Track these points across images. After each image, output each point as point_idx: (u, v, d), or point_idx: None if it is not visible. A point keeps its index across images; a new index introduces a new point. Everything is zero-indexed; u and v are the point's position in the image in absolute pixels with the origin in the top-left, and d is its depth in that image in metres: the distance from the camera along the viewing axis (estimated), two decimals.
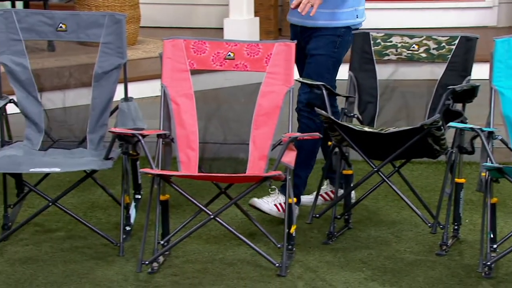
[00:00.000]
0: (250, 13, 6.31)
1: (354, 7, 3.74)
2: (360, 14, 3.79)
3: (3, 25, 3.66)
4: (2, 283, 3.27)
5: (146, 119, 3.65)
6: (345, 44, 3.75)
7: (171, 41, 3.64)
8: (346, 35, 3.74)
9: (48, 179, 3.89)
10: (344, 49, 3.78)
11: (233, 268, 3.46)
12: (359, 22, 3.81)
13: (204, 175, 3.58)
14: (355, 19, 3.76)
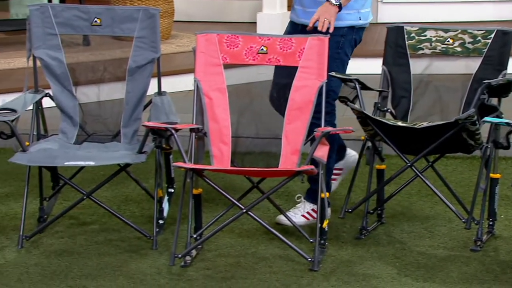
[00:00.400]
0: (283, 7, 6.30)
1: (357, 9, 3.71)
2: (363, 17, 3.73)
3: (39, 19, 3.70)
4: (38, 275, 3.32)
5: (179, 113, 3.66)
6: (348, 43, 3.71)
7: (205, 35, 3.65)
8: (349, 35, 3.69)
9: (83, 172, 3.93)
10: (349, 48, 3.73)
11: (265, 262, 3.46)
12: (362, 24, 3.76)
13: (237, 169, 3.59)
14: (357, 21, 3.72)
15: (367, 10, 3.76)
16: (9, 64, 5.42)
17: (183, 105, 4.10)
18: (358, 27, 3.73)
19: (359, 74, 3.98)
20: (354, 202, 3.85)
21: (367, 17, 3.77)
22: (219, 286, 3.27)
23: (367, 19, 3.77)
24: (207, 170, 3.47)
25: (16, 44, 5.76)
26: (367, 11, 3.76)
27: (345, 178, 3.94)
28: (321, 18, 3.55)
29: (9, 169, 4.28)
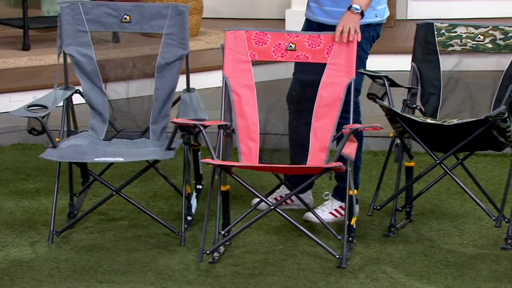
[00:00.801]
0: None
1: (372, 7, 3.68)
2: (380, 14, 3.71)
3: (69, 16, 3.72)
4: (68, 270, 3.34)
5: (207, 110, 3.67)
6: (366, 40, 3.68)
7: (233, 32, 3.65)
8: (366, 32, 3.67)
9: (112, 168, 3.95)
10: (367, 45, 3.72)
11: (293, 259, 3.46)
12: (378, 20, 3.74)
13: (265, 166, 3.59)
14: (374, 18, 3.70)
15: (383, 7, 3.75)
16: (40, 61, 5.47)
17: (211, 102, 4.11)
18: (375, 23, 3.72)
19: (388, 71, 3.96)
20: (382, 199, 3.83)
21: (383, 14, 3.76)
22: (247, 282, 3.28)
23: (383, 16, 3.76)
24: (235, 166, 3.48)
25: (47, 41, 5.81)
26: (383, 8, 3.74)
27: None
28: (345, 28, 3.54)
29: (40, 165, 4.33)
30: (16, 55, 5.58)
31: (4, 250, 3.49)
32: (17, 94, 4.95)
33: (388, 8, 3.81)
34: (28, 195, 4.04)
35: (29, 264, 3.38)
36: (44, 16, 6.28)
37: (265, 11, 6.91)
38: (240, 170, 3.67)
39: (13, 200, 3.99)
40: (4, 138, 4.68)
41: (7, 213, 3.85)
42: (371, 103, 3.76)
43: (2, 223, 3.74)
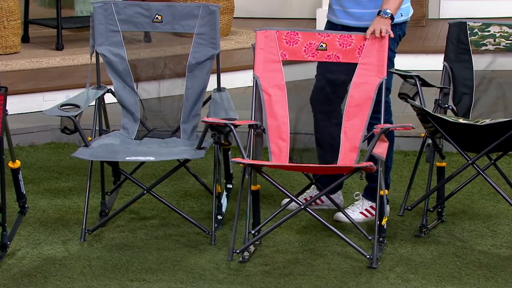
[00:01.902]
0: None
1: None
2: (405, 13, 3.70)
3: (102, 16, 3.75)
4: (100, 268, 3.37)
5: (238, 109, 3.68)
6: (393, 40, 3.65)
7: (264, 32, 3.65)
8: (393, 31, 3.63)
9: (143, 167, 3.98)
10: (394, 44, 3.70)
11: (323, 259, 3.45)
12: (404, 19, 3.72)
13: (295, 165, 3.59)
14: (399, 18, 3.68)
15: (407, 5, 3.73)
16: (73, 60, 5.52)
17: (242, 101, 4.12)
18: (401, 22, 3.71)
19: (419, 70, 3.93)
20: (413, 199, 3.81)
21: (408, 12, 3.74)
22: (277, 282, 3.28)
23: (408, 14, 3.74)
24: (265, 166, 3.48)
25: (80, 41, 5.86)
26: (407, 6, 3.73)
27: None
28: (377, 29, 3.54)
29: (73, 163, 4.37)
30: (50, 55, 5.63)
31: (37, 247, 3.53)
32: (50, 94, 5.00)
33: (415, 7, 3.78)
34: (61, 194, 4.08)
35: (62, 262, 3.41)
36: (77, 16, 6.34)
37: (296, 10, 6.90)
38: (270, 169, 3.68)
39: (47, 199, 4.03)
40: (38, 137, 4.72)
41: (40, 211, 3.90)
42: (402, 103, 3.74)
43: (35, 221, 3.78)
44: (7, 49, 5.57)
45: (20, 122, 4.71)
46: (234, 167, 3.94)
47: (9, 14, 5.55)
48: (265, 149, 3.63)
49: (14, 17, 5.59)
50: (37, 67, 5.41)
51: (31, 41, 5.97)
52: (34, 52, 5.71)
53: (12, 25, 5.57)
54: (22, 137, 4.64)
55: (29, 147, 4.65)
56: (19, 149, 4.54)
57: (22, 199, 3.61)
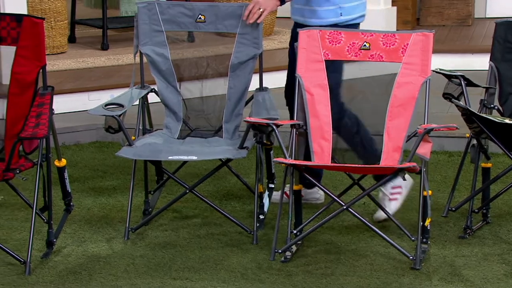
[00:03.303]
0: (387, 2, 6.21)
1: (337, 4, 3.64)
2: (345, 12, 3.63)
3: (146, 16, 3.78)
4: (143, 266, 3.40)
5: (280, 109, 3.68)
6: None
7: (307, 31, 3.65)
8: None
9: (186, 166, 4.01)
10: None
11: (366, 259, 3.44)
12: (344, 20, 3.66)
13: (337, 165, 3.58)
14: (338, 17, 3.64)
15: (352, 5, 3.65)
16: (118, 60, 5.58)
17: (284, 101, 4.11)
18: (343, 24, 3.64)
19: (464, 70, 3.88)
20: (457, 200, 3.76)
21: (351, 12, 3.65)
22: (319, 282, 3.27)
23: (350, 14, 3.65)
24: (307, 166, 3.47)
25: (125, 41, 5.92)
26: (351, 6, 3.65)
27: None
28: (254, 8, 3.56)
29: (117, 162, 4.42)
30: (95, 55, 5.70)
31: (82, 245, 3.58)
32: (95, 93, 5.06)
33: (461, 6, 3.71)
34: (105, 192, 4.13)
35: (106, 260, 3.45)
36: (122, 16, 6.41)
37: None
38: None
39: (91, 197, 4.08)
40: (83, 136, 4.78)
41: (85, 209, 3.95)
42: (447, 103, 3.70)
43: (80, 219, 3.83)
44: (54, 49, 5.66)
45: (66, 121, 4.77)
46: (276, 166, 3.94)
47: (56, 15, 5.63)
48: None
49: (61, 18, 5.67)
50: (82, 67, 5.48)
51: (77, 41, 6.05)
52: (80, 52, 5.79)
53: (59, 25, 5.66)
54: (67, 136, 4.71)
55: (74, 146, 4.71)
56: (65, 148, 4.61)
57: (68, 197, 3.66)
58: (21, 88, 3.45)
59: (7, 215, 3.84)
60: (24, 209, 3.83)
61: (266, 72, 3.91)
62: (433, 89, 3.54)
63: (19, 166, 3.32)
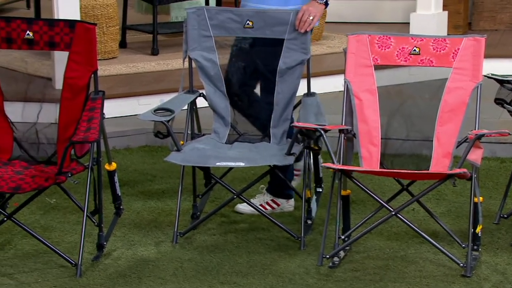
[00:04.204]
0: (438, 7, 6.15)
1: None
2: None
3: (195, 22, 3.81)
4: (191, 270, 3.42)
5: (328, 114, 3.67)
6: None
7: (356, 36, 3.63)
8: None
9: (234, 171, 4.02)
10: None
11: (415, 266, 3.40)
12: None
13: (386, 171, 3.55)
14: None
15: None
16: (168, 65, 5.62)
17: (332, 106, 4.10)
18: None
19: None
20: (510, 207, 3.70)
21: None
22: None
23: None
24: (356, 171, 3.46)
25: (174, 46, 5.97)
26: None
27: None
28: (304, 16, 3.60)
29: (166, 166, 4.45)
30: (145, 60, 5.76)
31: (132, 248, 3.61)
32: (145, 98, 5.11)
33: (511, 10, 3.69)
34: (154, 196, 4.17)
35: (155, 263, 3.48)
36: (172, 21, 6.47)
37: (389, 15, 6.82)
38: (360, 174, 3.64)
39: (141, 201, 4.12)
40: (132, 140, 4.83)
41: (135, 213, 3.99)
42: (499, 109, 3.64)
43: (130, 222, 3.87)
44: (106, 54, 5.73)
45: (116, 126, 4.83)
46: (324, 171, 3.93)
47: (108, 21, 5.70)
48: (356, 154, 3.61)
49: (113, 23, 5.75)
50: (133, 71, 5.54)
51: (128, 47, 6.12)
52: (131, 57, 5.85)
53: (111, 31, 5.73)
54: (118, 140, 4.76)
55: (124, 150, 4.76)
56: (115, 152, 4.66)
57: (118, 201, 3.70)
58: (73, 93, 3.50)
59: (59, 218, 3.90)
60: (75, 212, 3.88)
61: (314, 77, 3.90)
62: (485, 95, 3.49)
63: (70, 169, 3.38)
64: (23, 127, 3.71)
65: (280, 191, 3.89)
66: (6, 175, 3.37)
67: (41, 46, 3.52)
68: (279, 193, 3.90)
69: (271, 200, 3.91)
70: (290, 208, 3.93)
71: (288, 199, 3.92)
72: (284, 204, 3.92)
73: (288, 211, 3.92)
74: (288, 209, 3.93)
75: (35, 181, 3.32)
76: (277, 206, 3.91)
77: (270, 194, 3.91)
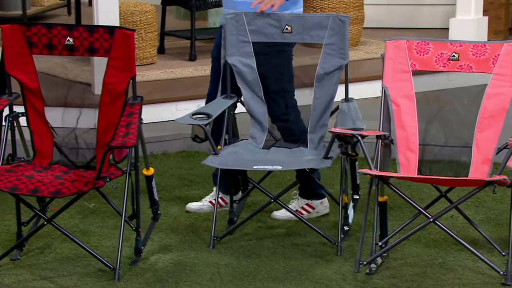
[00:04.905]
0: (478, 12, 6.09)
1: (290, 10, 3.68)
2: None
3: (234, 27, 3.82)
4: (228, 275, 3.42)
5: (365, 119, 3.65)
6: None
7: (394, 42, 3.61)
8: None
9: (271, 176, 4.02)
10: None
11: (453, 273, 3.37)
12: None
13: (424, 177, 3.52)
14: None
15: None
16: (205, 71, 5.65)
17: (370, 112, 4.08)
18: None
19: None
20: None
21: None
22: None
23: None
24: (393, 177, 3.43)
25: None
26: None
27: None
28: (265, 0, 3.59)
29: (203, 171, 4.47)
30: (183, 65, 5.80)
31: (169, 253, 3.63)
32: (183, 103, 5.13)
33: None
34: (191, 201, 4.18)
35: (192, 268, 3.49)
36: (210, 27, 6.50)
37: (428, 20, 6.78)
38: (398, 181, 3.62)
39: (178, 206, 4.14)
40: (170, 146, 4.86)
41: (172, 217, 4.01)
42: None
43: (167, 227, 3.89)
44: (144, 60, 5.78)
45: (154, 131, 4.86)
46: (361, 177, 3.91)
47: (146, 27, 5.75)
48: (393, 160, 3.59)
49: (151, 29, 5.80)
50: (171, 77, 5.58)
51: (166, 52, 6.17)
52: (169, 62, 5.89)
53: (150, 37, 5.78)
54: (155, 145, 4.79)
55: (162, 155, 4.79)
56: (152, 157, 4.69)
57: (155, 206, 3.73)
58: (112, 98, 3.54)
59: (97, 223, 3.94)
60: (113, 217, 3.92)
61: (352, 82, 3.89)
62: None
63: (109, 174, 3.40)
64: (63, 132, 3.75)
65: (313, 192, 3.88)
66: (46, 179, 3.42)
67: (81, 52, 3.56)
68: (312, 195, 3.89)
69: (305, 204, 3.90)
70: (325, 210, 3.92)
71: (321, 198, 3.91)
72: (319, 206, 3.91)
73: (324, 213, 3.91)
74: (324, 212, 3.92)
75: (74, 186, 3.36)
76: (313, 209, 3.91)
77: (303, 198, 3.91)
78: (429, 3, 6.81)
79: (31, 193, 3.34)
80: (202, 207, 3.99)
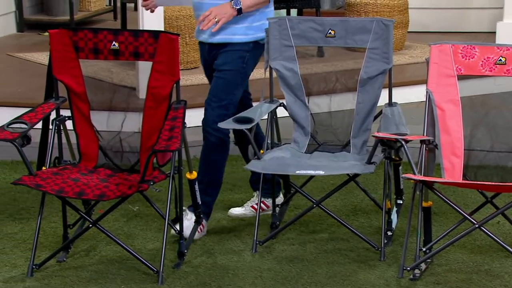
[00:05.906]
0: None
1: (261, 21, 3.65)
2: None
3: (277, 32, 3.83)
4: (270, 280, 3.42)
5: (409, 124, 3.62)
6: (253, 59, 3.68)
7: (438, 46, 3.58)
8: (255, 49, 3.67)
9: (313, 181, 4.01)
10: (253, 64, 3.72)
11: (500, 280, 3.32)
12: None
13: (469, 182, 3.48)
14: (264, 33, 3.68)
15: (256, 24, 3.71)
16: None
17: (414, 117, 4.05)
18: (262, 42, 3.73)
19: None
20: None
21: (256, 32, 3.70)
22: None
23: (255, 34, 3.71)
24: (437, 182, 3.40)
25: None
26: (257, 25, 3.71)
27: None
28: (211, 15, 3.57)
29: (245, 176, 4.47)
30: None
31: (211, 257, 3.64)
32: None
33: None
34: (234, 205, 4.19)
35: (234, 272, 3.50)
36: None
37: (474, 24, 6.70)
38: (443, 186, 3.58)
39: (221, 209, 4.15)
40: None
41: (215, 221, 4.02)
42: None
43: (210, 231, 3.90)
44: (188, 64, 5.82)
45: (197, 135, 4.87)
46: (404, 182, 3.87)
47: (191, 31, 5.79)
48: (438, 165, 3.55)
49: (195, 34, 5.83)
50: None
51: None
52: None
53: (193, 41, 5.81)
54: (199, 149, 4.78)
55: None
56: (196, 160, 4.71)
57: (198, 209, 3.74)
58: (156, 102, 3.57)
59: (141, 226, 3.97)
60: (157, 220, 3.95)
61: (396, 87, 3.86)
62: None
63: (153, 178, 3.43)
64: (108, 136, 3.79)
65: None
66: (91, 182, 3.46)
67: (126, 57, 3.60)
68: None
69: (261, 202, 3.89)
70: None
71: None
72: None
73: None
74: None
75: (119, 189, 3.39)
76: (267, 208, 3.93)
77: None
78: (475, 7, 6.73)
79: (77, 196, 3.38)
80: (245, 212, 4.00)
